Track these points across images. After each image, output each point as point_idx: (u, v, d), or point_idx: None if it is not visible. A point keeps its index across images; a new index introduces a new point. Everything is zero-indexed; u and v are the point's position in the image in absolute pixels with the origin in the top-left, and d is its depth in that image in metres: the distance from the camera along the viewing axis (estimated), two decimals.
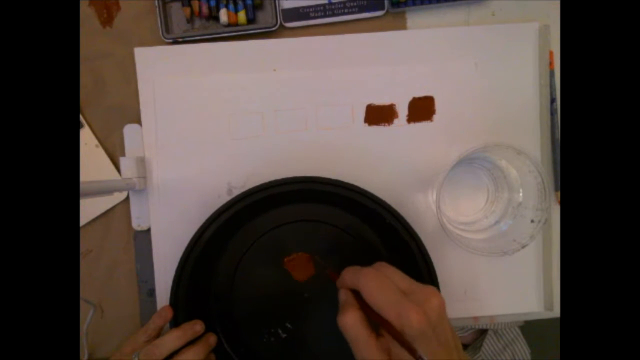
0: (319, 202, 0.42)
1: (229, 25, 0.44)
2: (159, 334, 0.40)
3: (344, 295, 0.32)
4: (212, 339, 0.41)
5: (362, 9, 0.44)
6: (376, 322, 0.29)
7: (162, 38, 0.44)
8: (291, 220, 0.43)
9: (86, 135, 0.44)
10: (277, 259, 0.43)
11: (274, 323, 0.43)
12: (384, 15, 0.44)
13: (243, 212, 0.40)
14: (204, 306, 0.42)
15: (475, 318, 0.45)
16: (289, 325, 0.43)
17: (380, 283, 0.29)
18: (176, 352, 0.38)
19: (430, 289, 0.29)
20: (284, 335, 0.42)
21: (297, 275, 0.43)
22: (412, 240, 0.40)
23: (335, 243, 0.43)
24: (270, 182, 0.40)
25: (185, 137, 0.44)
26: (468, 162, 0.43)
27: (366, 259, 0.37)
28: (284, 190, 0.40)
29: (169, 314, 0.40)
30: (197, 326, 0.40)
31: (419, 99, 0.44)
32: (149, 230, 0.44)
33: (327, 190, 0.40)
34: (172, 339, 0.38)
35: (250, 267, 0.43)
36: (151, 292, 0.44)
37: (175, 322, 0.40)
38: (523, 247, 0.37)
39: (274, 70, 0.44)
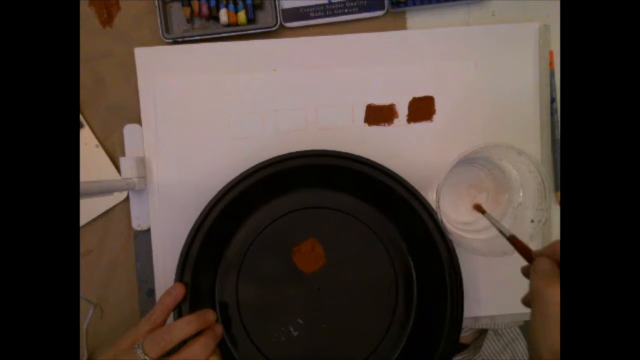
0: (323, 187, 0.42)
1: (229, 25, 0.44)
2: (165, 321, 0.35)
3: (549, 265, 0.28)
4: (218, 329, 0.37)
5: (362, 9, 0.44)
6: None
7: (162, 38, 0.44)
8: (298, 208, 0.42)
9: (86, 135, 0.44)
10: (285, 249, 0.41)
11: (284, 320, 0.41)
12: (384, 15, 0.44)
13: (250, 192, 0.39)
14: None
15: (475, 318, 0.45)
16: (300, 321, 0.41)
17: None
18: (179, 346, 0.33)
19: None
20: (295, 333, 0.41)
21: (307, 266, 0.41)
22: (428, 216, 0.38)
23: (342, 229, 0.42)
24: (277, 157, 0.39)
25: (185, 137, 0.44)
26: (468, 162, 0.43)
27: (375, 244, 0.36)
28: (292, 165, 0.39)
29: (181, 291, 0.36)
30: (209, 314, 0.36)
31: (419, 99, 0.44)
32: (149, 230, 0.44)
33: (339, 165, 0.39)
34: (183, 324, 0.33)
35: (257, 261, 0.42)
36: (151, 292, 0.44)
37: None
38: None
39: (274, 70, 0.44)
